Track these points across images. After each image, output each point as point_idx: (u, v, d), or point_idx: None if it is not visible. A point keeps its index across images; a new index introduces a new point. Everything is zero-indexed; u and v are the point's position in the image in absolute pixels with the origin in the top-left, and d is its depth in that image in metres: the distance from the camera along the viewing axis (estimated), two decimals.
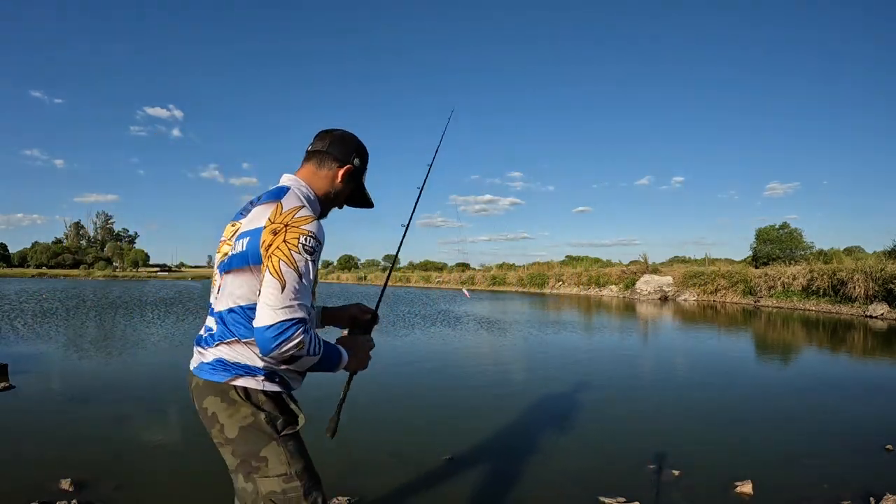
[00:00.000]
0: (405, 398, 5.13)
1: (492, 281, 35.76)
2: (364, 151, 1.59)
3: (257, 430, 1.34)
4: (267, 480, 1.33)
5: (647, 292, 22.70)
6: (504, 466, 3.31)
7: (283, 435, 1.37)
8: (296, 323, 1.21)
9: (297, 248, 1.26)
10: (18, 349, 7.60)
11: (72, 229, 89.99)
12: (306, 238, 1.28)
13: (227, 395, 1.36)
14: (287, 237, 1.27)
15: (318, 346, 1.28)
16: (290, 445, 1.37)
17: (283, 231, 1.28)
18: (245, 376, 1.35)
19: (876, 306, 14.38)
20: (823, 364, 7.68)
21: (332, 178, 1.52)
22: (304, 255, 1.26)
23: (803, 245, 25.26)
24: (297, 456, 1.37)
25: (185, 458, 3.38)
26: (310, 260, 1.28)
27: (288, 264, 1.24)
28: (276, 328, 1.19)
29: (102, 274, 67.01)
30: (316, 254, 1.30)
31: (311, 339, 1.25)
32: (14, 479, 2.98)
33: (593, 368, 6.84)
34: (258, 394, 1.36)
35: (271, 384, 1.37)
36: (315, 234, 1.30)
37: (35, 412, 4.41)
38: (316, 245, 1.30)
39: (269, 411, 1.36)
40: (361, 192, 1.62)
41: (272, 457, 1.34)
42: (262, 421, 1.34)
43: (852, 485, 3.01)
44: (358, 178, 1.58)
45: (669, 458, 3.42)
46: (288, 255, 1.25)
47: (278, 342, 1.19)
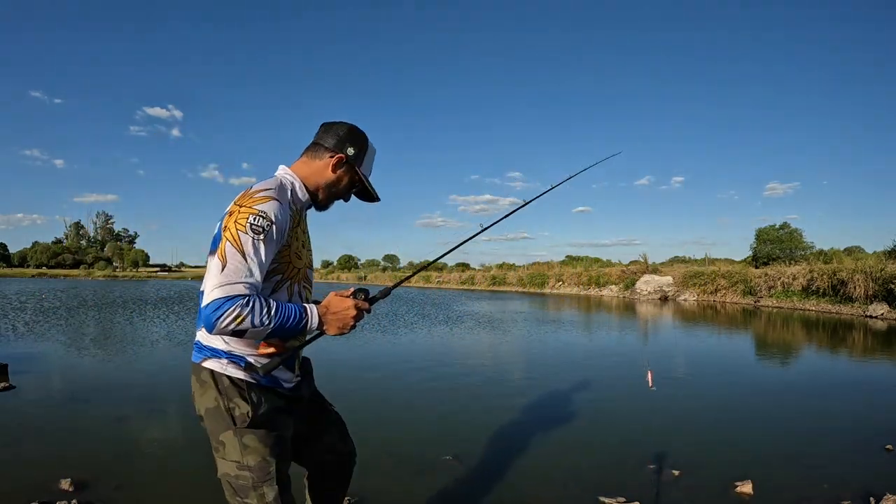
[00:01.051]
0: (405, 398, 5.13)
1: (492, 281, 35.77)
2: (360, 141, 1.53)
3: (218, 414, 1.39)
4: (223, 462, 1.40)
5: (647, 292, 22.70)
6: (504, 466, 3.31)
7: (240, 426, 1.38)
8: (230, 298, 1.23)
9: (245, 228, 1.27)
10: (18, 349, 7.60)
11: (72, 229, 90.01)
12: (255, 217, 1.28)
13: (200, 375, 1.43)
14: (238, 218, 1.29)
15: (266, 316, 1.26)
16: (247, 438, 1.38)
17: (236, 212, 1.31)
18: (211, 358, 1.41)
19: (876, 306, 14.38)
20: (823, 364, 7.68)
21: (323, 169, 1.50)
22: (250, 234, 1.27)
23: (803, 245, 25.27)
24: (253, 449, 1.38)
25: (186, 458, 3.38)
26: (258, 239, 1.28)
27: (233, 244, 1.27)
28: (212, 305, 1.22)
29: (102, 274, 67.05)
30: (266, 233, 1.29)
31: (256, 311, 1.24)
32: (14, 479, 2.98)
33: (593, 368, 6.84)
34: (222, 377, 1.39)
35: (235, 369, 1.39)
36: (265, 212, 1.30)
37: (35, 412, 4.41)
38: (266, 224, 1.29)
39: (230, 398, 1.38)
40: (362, 184, 1.57)
41: (228, 443, 1.39)
42: (222, 408, 1.38)
43: (852, 485, 3.01)
44: (353, 169, 1.53)
45: (669, 458, 3.42)
46: (234, 236, 1.27)
47: (215, 318, 1.22)
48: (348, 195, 1.59)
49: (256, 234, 1.28)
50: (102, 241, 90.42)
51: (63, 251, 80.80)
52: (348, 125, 1.54)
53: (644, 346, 9.18)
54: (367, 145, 1.54)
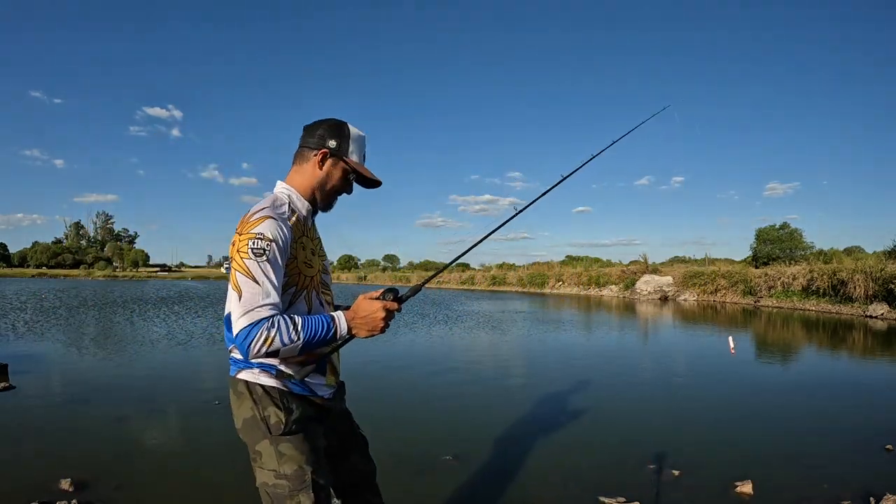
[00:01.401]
0: (404, 398, 5.13)
1: (492, 281, 35.78)
2: (339, 131, 1.50)
3: (254, 424, 1.41)
4: (261, 472, 1.41)
5: (647, 292, 22.70)
6: (504, 466, 3.31)
7: (275, 435, 1.40)
8: (256, 324, 1.28)
9: (247, 255, 1.32)
10: (18, 349, 7.60)
11: (72, 229, 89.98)
12: (254, 241, 1.32)
13: (236, 388, 1.46)
14: (239, 247, 1.34)
15: (293, 333, 1.30)
16: (283, 446, 1.40)
17: (237, 241, 1.35)
18: (245, 370, 1.45)
19: (876, 306, 14.38)
20: (823, 364, 7.68)
21: (312, 170, 1.50)
22: (254, 259, 1.32)
23: (803, 245, 25.27)
24: (289, 458, 1.39)
25: (185, 458, 3.38)
26: (262, 261, 1.32)
27: (242, 272, 1.32)
28: (241, 335, 1.28)
29: (102, 274, 67.04)
30: (268, 252, 1.33)
31: (282, 329, 1.29)
32: (14, 479, 2.98)
33: (593, 368, 6.84)
34: (256, 387, 1.42)
35: (267, 377, 1.42)
36: (262, 233, 1.33)
37: (35, 412, 4.41)
38: (266, 244, 1.33)
39: (265, 407, 1.41)
40: (356, 172, 1.55)
41: (265, 452, 1.40)
42: (258, 416, 1.41)
43: (852, 485, 3.01)
44: (340, 160, 1.51)
45: (669, 458, 3.42)
46: (240, 265, 1.32)
47: (247, 346, 1.27)
48: (348, 187, 1.56)
49: (259, 256, 1.32)
50: (102, 241, 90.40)
51: (63, 251, 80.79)
52: (326, 121, 1.53)
53: (644, 346, 9.18)
54: (347, 133, 1.51)
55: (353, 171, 1.54)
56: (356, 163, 1.53)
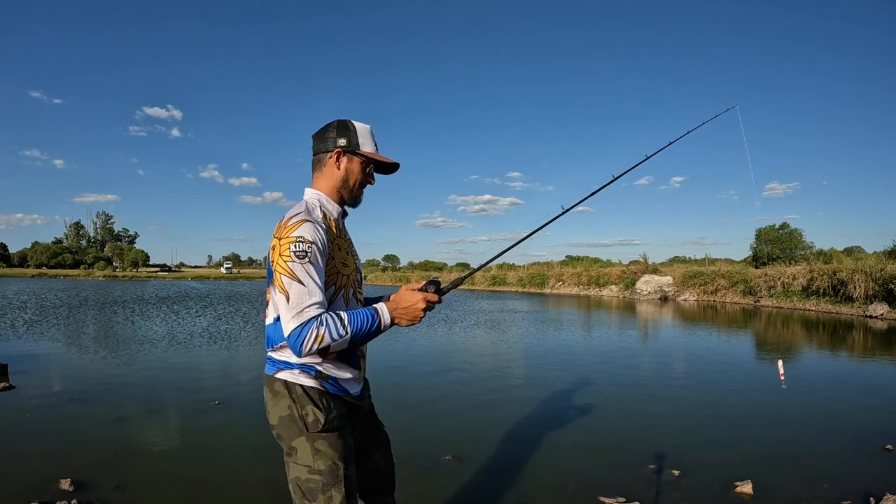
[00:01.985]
0: (404, 398, 5.13)
1: (492, 281, 35.76)
2: (345, 128, 1.57)
3: (291, 421, 1.48)
4: (295, 466, 1.47)
5: (647, 292, 22.70)
6: (504, 466, 3.31)
7: (311, 432, 1.46)
8: (305, 324, 1.35)
9: (290, 258, 1.38)
10: (18, 349, 7.60)
11: (72, 229, 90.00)
12: (295, 244, 1.39)
13: (273, 386, 1.52)
14: (281, 251, 1.40)
15: (342, 328, 1.38)
16: (319, 444, 1.46)
17: (277, 246, 1.41)
18: (285, 370, 1.50)
19: (876, 306, 14.37)
20: (823, 364, 7.68)
21: (332, 171, 1.58)
22: (297, 261, 1.38)
23: (803, 245, 25.27)
24: (324, 454, 1.45)
25: (185, 458, 3.38)
26: (305, 262, 1.39)
27: (287, 275, 1.38)
28: (293, 336, 1.36)
29: (102, 274, 67.04)
30: (310, 254, 1.40)
31: (331, 326, 1.37)
32: (14, 479, 2.98)
33: (593, 368, 6.84)
34: (295, 387, 1.48)
35: (306, 378, 1.49)
36: (302, 236, 1.40)
37: (35, 412, 4.41)
38: (307, 246, 1.39)
39: (303, 406, 1.47)
40: (374, 161, 1.61)
41: (300, 448, 1.46)
42: (295, 415, 1.47)
43: (852, 485, 3.02)
44: (354, 154, 1.58)
45: (669, 458, 3.42)
46: (285, 268, 1.38)
47: (299, 345, 1.35)
48: (370, 178, 1.63)
49: (301, 258, 1.38)
50: (102, 241, 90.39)
51: (63, 251, 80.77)
52: (331, 124, 1.60)
53: (644, 346, 9.18)
54: (353, 128, 1.58)
55: (369, 160, 1.60)
56: (370, 152, 1.59)
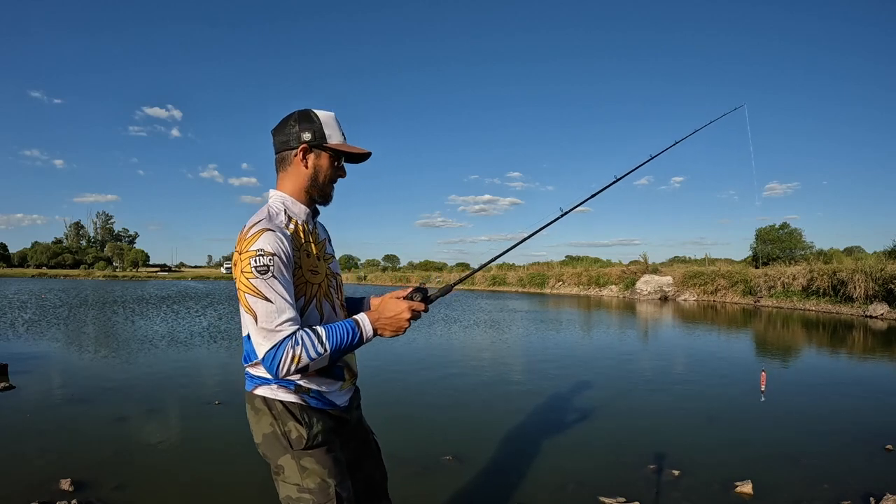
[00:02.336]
0: (404, 398, 5.13)
1: (492, 281, 35.76)
2: (308, 118, 1.42)
3: (275, 439, 1.41)
4: (284, 485, 1.41)
5: (647, 292, 22.70)
6: (504, 466, 3.31)
7: (296, 449, 1.39)
8: (279, 344, 1.26)
9: (252, 274, 1.27)
10: (18, 349, 7.60)
11: (72, 229, 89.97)
12: (255, 259, 1.27)
13: (254, 403, 1.45)
14: (242, 267, 1.29)
15: (319, 346, 1.29)
16: (305, 461, 1.39)
17: (238, 262, 1.31)
18: (263, 385, 1.43)
19: (876, 306, 14.37)
20: (823, 364, 7.68)
21: (298, 169, 1.44)
22: (259, 277, 1.27)
23: (803, 245, 25.27)
24: (311, 471, 1.38)
25: (185, 459, 3.38)
26: (268, 277, 1.27)
27: (251, 293, 1.28)
28: (267, 358, 1.27)
29: (102, 274, 67.03)
30: (273, 268, 1.28)
31: (307, 344, 1.28)
32: (14, 479, 2.98)
33: (593, 368, 6.84)
34: (275, 403, 1.41)
35: (286, 393, 1.41)
36: (262, 249, 1.28)
37: (35, 412, 4.41)
38: (269, 259, 1.28)
39: (285, 423, 1.40)
40: (343, 152, 1.47)
41: (287, 467, 1.40)
42: (278, 432, 1.40)
43: (852, 485, 3.02)
44: (321, 148, 1.44)
45: (669, 458, 3.42)
46: (248, 286, 1.28)
47: (275, 368, 1.27)
48: (340, 171, 1.50)
49: (263, 273, 1.27)
50: (102, 241, 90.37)
51: (63, 251, 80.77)
52: (290, 116, 1.45)
53: (644, 346, 9.18)
54: (317, 118, 1.43)
55: (339, 153, 1.47)
56: (339, 143, 1.45)
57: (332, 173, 1.47)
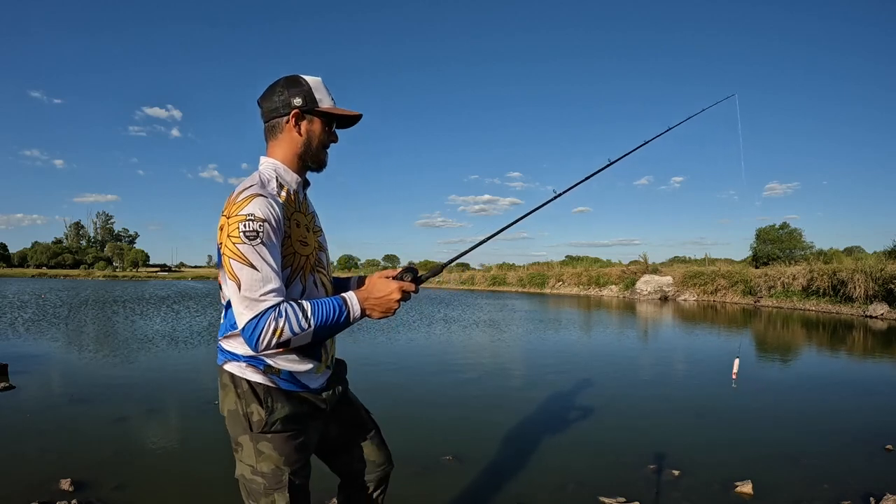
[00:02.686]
0: (404, 398, 5.13)
1: (492, 281, 35.75)
2: (296, 83, 1.40)
3: (236, 418, 1.37)
4: (240, 464, 1.40)
5: (647, 292, 22.69)
6: (504, 466, 3.31)
7: (255, 432, 1.35)
8: (262, 315, 1.21)
9: (240, 239, 1.22)
10: (18, 349, 7.60)
11: (72, 229, 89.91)
12: (245, 223, 1.22)
13: (222, 378, 1.41)
14: (229, 231, 1.24)
15: (303, 320, 1.23)
16: (262, 445, 1.35)
17: (226, 225, 1.25)
18: (232, 362, 1.38)
19: (876, 306, 14.38)
20: (823, 364, 7.68)
21: (290, 136, 1.40)
22: (247, 242, 1.22)
23: (803, 245, 25.27)
24: (267, 456, 1.35)
25: (185, 459, 3.38)
26: (257, 244, 1.23)
27: (237, 259, 1.22)
28: (248, 328, 1.22)
29: (102, 274, 66.98)
30: (262, 234, 1.23)
31: (291, 318, 1.22)
32: (14, 479, 2.98)
33: (593, 368, 6.84)
34: (241, 381, 1.36)
35: (253, 373, 1.36)
36: (253, 214, 1.23)
37: (35, 412, 4.41)
38: (258, 225, 1.23)
39: (248, 403, 1.35)
40: (335, 115, 1.44)
41: (245, 446, 1.38)
42: (240, 412, 1.36)
43: (852, 485, 3.02)
44: (312, 113, 1.41)
45: (669, 458, 3.42)
46: (234, 251, 1.23)
47: (255, 340, 1.21)
48: (333, 136, 1.47)
49: (252, 239, 1.22)
50: (102, 241, 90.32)
51: (63, 251, 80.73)
52: (277, 83, 1.42)
53: (644, 346, 9.18)
54: (306, 83, 1.40)
55: (331, 117, 1.44)
56: (330, 107, 1.42)
57: (324, 138, 1.44)
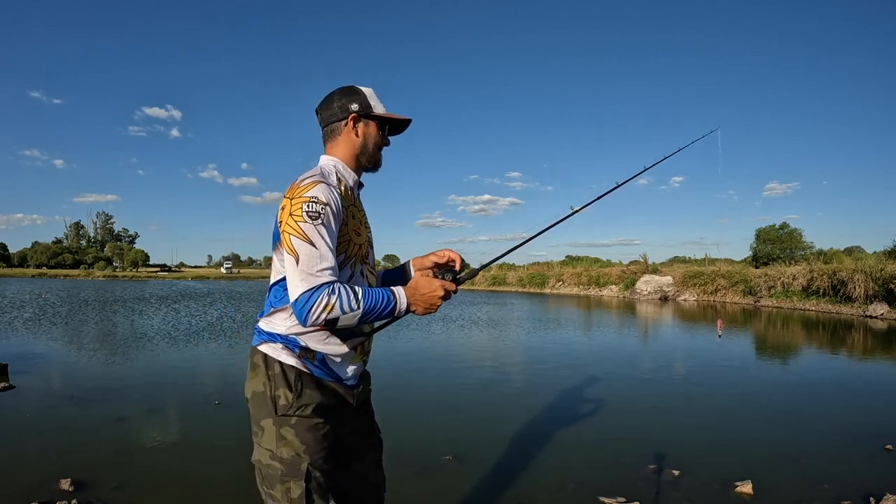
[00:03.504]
0: (404, 398, 5.13)
1: (492, 281, 35.75)
2: (354, 93, 1.51)
3: (262, 400, 1.38)
4: (258, 448, 1.39)
5: (647, 292, 22.69)
6: (504, 466, 3.31)
7: (280, 415, 1.36)
8: (316, 289, 1.25)
9: (302, 218, 1.29)
10: (18, 349, 7.60)
11: (72, 229, 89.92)
12: (308, 204, 1.30)
13: (253, 358, 1.43)
14: (292, 210, 1.31)
15: (354, 301, 1.28)
16: (285, 430, 1.35)
17: (288, 205, 1.32)
18: (268, 342, 1.41)
19: (876, 306, 14.37)
20: (823, 364, 7.68)
21: (349, 137, 1.50)
22: (309, 221, 1.29)
23: (803, 245, 25.26)
24: (289, 442, 1.35)
25: (185, 459, 3.38)
26: (318, 224, 1.30)
27: (297, 236, 1.28)
28: (301, 301, 1.25)
29: (102, 274, 66.96)
30: (323, 216, 1.31)
31: (343, 297, 1.26)
32: (14, 479, 2.98)
33: (593, 368, 6.84)
34: (274, 363, 1.39)
35: (288, 355, 1.39)
36: (316, 197, 1.31)
37: (35, 412, 4.41)
38: (321, 207, 1.30)
39: (277, 386, 1.37)
40: (389, 121, 1.55)
41: (266, 430, 1.37)
42: (268, 394, 1.37)
43: (852, 485, 3.01)
44: (369, 117, 1.52)
45: (669, 458, 3.42)
46: (295, 228, 1.29)
47: (306, 312, 1.24)
48: (385, 139, 1.57)
49: (314, 219, 1.29)
50: (102, 241, 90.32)
51: (63, 251, 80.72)
52: (336, 92, 1.53)
53: (644, 346, 9.18)
54: (362, 92, 1.52)
55: (385, 121, 1.54)
56: (384, 113, 1.54)
57: (379, 139, 1.54)
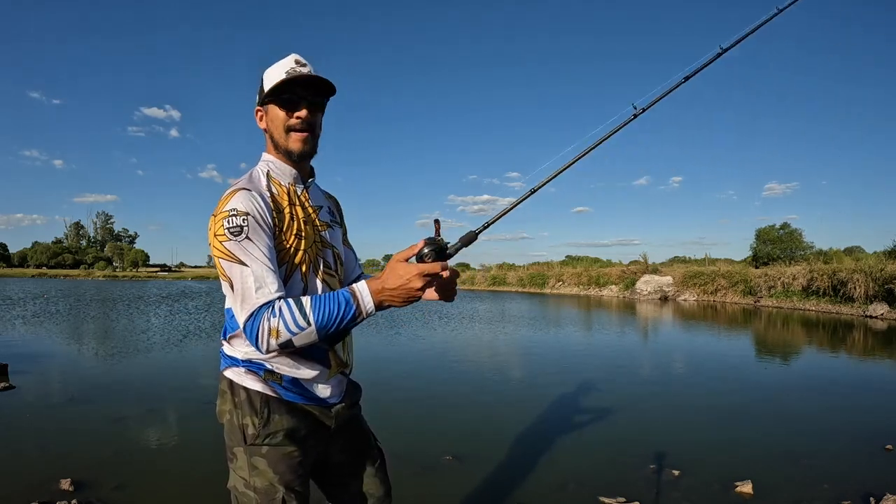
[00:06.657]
0: (404, 398, 5.13)
1: (492, 281, 35.74)
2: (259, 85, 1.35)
3: (232, 427, 1.31)
4: (233, 474, 1.32)
5: (647, 292, 22.69)
6: (504, 467, 3.31)
7: (249, 445, 1.28)
8: (255, 314, 1.14)
9: (225, 236, 1.17)
10: (18, 349, 7.60)
11: (72, 229, 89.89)
12: (228, 220, 1.18)
13: (221, 385, 1.35)
14: (215, 230, 1.19)
15: (300, 318, 1.13)
16: (256, 459, 1.27)
17: (212, 224, 1.21)
18: (232, 367, 1.33)
19: (876, 306, 14.37)
20: (823, 364, 7.68)
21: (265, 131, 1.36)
22: (233, 239, 1.17)
23: (803, 245, 25.25)
24: (261, 472, 1.27)
25: (185, 458, 3.38)
26: (242, 239, 1.17)
27: (225, 258, 1.18)
28: (246, 330, 1.15)
29: (102, 274, 66.94)
30: (247, 228, 1.18)
31: (285, 316, 1.13)
32: (14, 479, 2.98)
33: (593, 368, 6.84)
34: (239, 390, 1.30)
35: (252, 380, 1.29)
36: (235, 209, 1.18)
37: (35, 412, 4.41)
38: (241, 220, 1.18)
39: (244, 414, 1.28)
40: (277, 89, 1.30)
41: (239, 458, 1.30)
42: (235, 422, 1.29)
43: (852, 485, 3.02)
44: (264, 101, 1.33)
45: (669, 458, 3.42)
46: (221, 249, 1.18)
47: (255, 342, 1.15)
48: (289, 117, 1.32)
49: (237, 234, 1.17)
50: (102, 241, 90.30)
51: (63, 251, 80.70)
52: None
53: (644, 346, 9.17)
54: (262, 78, 1.35)
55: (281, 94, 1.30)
56: (270, 87, 1.30)
57: (282, 120, 1.32)
